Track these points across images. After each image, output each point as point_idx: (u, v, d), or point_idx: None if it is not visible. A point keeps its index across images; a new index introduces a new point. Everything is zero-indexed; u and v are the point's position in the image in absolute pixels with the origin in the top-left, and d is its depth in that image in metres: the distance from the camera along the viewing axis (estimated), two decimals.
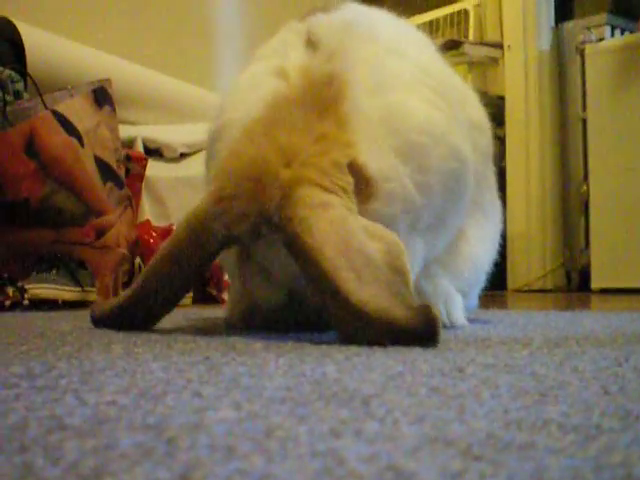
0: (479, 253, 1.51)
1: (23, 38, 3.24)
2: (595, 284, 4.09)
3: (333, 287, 1.03)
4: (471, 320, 1.51)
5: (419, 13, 5.41)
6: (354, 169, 1.18)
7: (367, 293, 1.02)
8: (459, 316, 1.41)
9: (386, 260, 1.07)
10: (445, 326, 1.35)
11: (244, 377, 0.72)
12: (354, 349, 0.96)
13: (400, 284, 1.04)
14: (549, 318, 1.68)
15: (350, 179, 1.17)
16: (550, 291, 4.38)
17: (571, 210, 4.47)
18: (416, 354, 0.92)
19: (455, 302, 1.42)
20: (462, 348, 1.01)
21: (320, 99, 1.22)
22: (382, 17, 1.49)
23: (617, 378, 0.73)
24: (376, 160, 1.21)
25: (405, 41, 1.43)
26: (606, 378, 0.73)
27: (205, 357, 0.88)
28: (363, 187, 1.19)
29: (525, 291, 4.40)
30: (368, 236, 1.09)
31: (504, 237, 1.63)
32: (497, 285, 4.33)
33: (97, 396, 0.61)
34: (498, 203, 1.61)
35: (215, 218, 1.17)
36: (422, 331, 0.99)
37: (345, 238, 1.07)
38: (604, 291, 4.02)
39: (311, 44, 1.34)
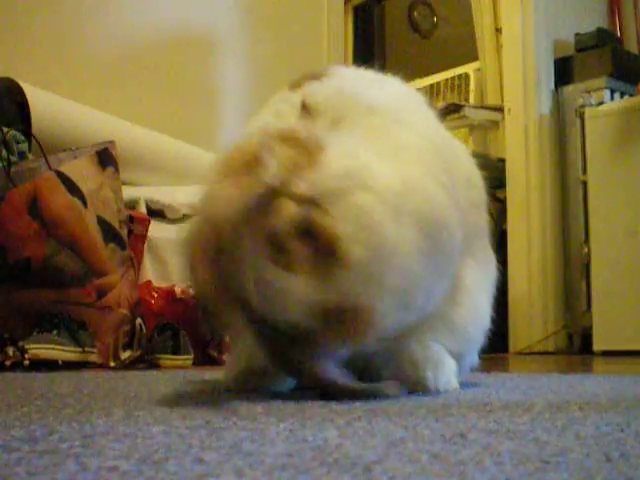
0: (482, 304, 1.45)
1: (29, 99, 3.28)
2: (597, 346, 4.08)
3: None
4: (473, 384, 1.50)
5: (420, 77, 5.48)
6: None
7: None
8: (448, 381, 1.36)
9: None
10: (432, 392, 1.34)
11: (245, 442, 0.71)
12: (355, 413, 0.96)
13: None
14: (551, 381, 1.67)
15: None
16: (552, 353, 4.36)
17: (572, 272, 4.48)
18: (418, 418, 0.92)
19: (445, 368, 1.37)
20: (464, 413, 1.00)
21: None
22: (376, 81, 1.43)
23: (619, 444, 0.72)
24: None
25: (404, 108, 1.38)
26: (608, 444, 0.72)
27: (206, 421, 0.88)
28: None
29: (527, 353, 4.39)
30: None
31: (504, 293, 1.59)
32: (499, 348, 4.34)
33: (98, 461, 0.61)
34: (490, 252, 1.54)
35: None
36: None
37: None
38: (606, 353, 4.00)
39: (307, 114, 1.28)
